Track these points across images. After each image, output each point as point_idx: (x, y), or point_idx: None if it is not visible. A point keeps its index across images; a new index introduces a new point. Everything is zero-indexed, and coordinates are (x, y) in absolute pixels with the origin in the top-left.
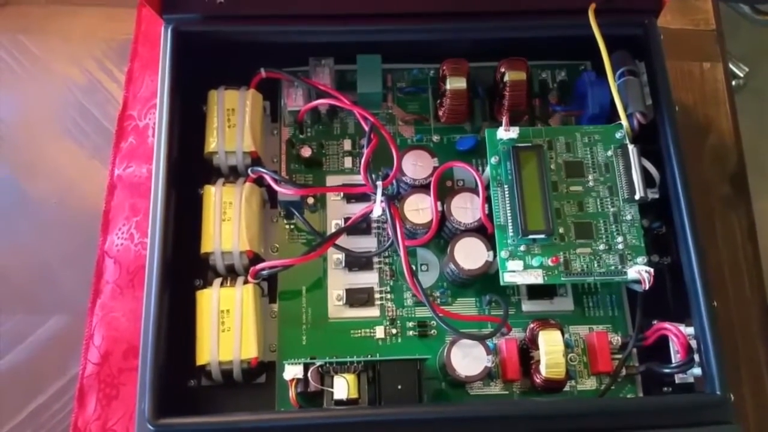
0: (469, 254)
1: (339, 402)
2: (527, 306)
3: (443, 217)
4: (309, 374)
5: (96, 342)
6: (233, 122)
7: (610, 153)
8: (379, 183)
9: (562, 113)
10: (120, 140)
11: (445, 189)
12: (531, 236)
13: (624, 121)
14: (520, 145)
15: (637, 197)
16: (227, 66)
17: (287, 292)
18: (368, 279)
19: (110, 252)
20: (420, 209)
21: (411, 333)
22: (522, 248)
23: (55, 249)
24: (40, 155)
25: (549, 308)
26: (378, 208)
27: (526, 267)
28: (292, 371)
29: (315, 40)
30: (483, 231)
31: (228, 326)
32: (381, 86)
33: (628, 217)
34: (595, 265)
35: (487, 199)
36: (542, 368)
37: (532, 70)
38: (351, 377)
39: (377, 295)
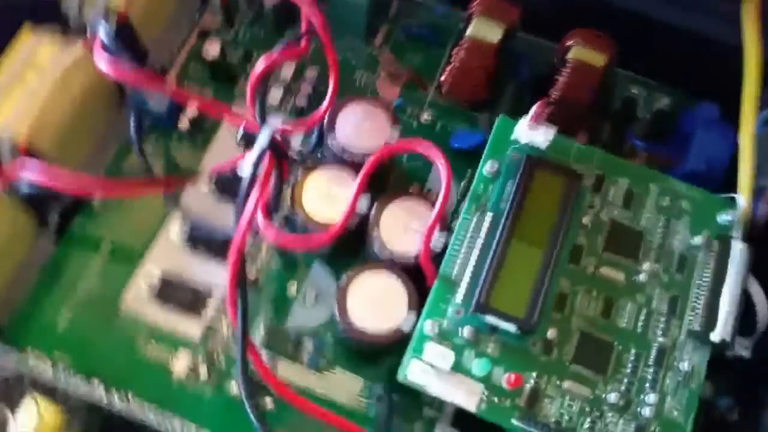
0: (376, 304)
1: None
2: None
3: (361, 227)
4: None
5: None
6: None
7: (698, 240)
8: (277, 118)
9: (645, 153)
10: None
11: (389, 185)
12: (491, 318)
13: (743, 197)
14: (543, 157)
15: (714, 338)
16: None
17: (81, 237)
18: (212, 274)
19: None
20: (331, 197)
21: (233, 389)
22: (465, 333)
23: None
24: None
25: None
26: (254, 152)
27: (458, 368)
28: None
29: None
30: (417, 276)
31: None
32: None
33: (685, 366)
34: (586, 424)
35: (448, 228)
36: None
37: (623, 82)
38: (54, 412)
39: (212, 305)
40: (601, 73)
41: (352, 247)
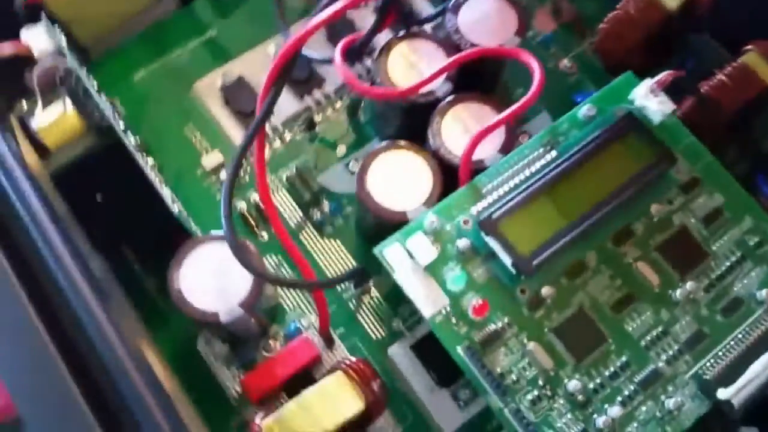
0: (398, 182)
1: None
2: (396, 351)
3: (424, 110)
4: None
5: None
6: None
7: (764, 295)
8: None
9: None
10: None
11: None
12: (492, 242)
13: None
14: (644, 124)
15: (720, 395)
16: None
17: (197, 15)
18: (283, 100)
19: None
20: (417, 71)
21: (242, 205)
22: (461, 245)
23: None
24: None
25: (428, 398)
26: None
27: (434, 272)
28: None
29: None
30: (452, 181)
31: None
32: None
33: (670, 404)
34: (529, 396)
35: (504, 148)
36: (272, 417)
37: None
38: (78, 118)
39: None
40: (763, 88)
41: (419, 139)
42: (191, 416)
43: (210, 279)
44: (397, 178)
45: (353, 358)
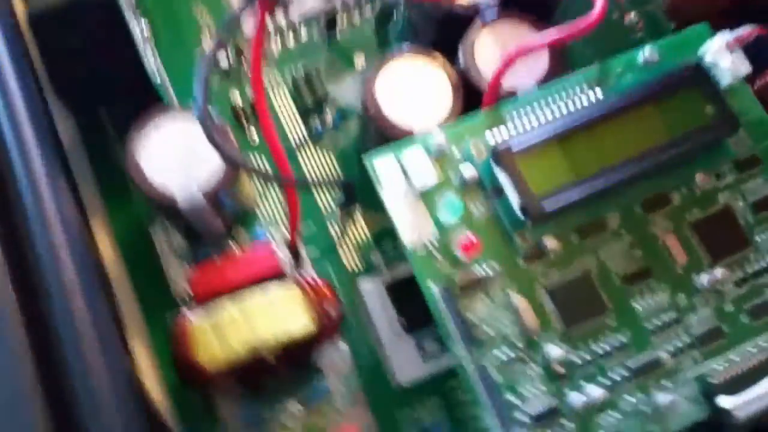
0: (413, 93)
1: None
2: (369, 285)
3: (463, 24)
4: None
5: None
6: None
7: None
8: None
9: None
10: None
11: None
12: (502, 176)
13: None
14: (711, 81)
15: (721, 403)
16: None
17: None
18: None
19: None
20: None
21: (236, 98)
22: (466, 173)
23: None
24: None
25: (390, 342)
26: None
27: (426, 198)
28: None
29: None
30: (475, 102)
31: None
32: None
33: (662, 399)
34: (502, 355)
35: (544, 81)
36: (207, 318)
37: None
38: None
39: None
40: None
41: (450, 60)
42: (129, 300)
43: (176, 159)
44: (413, 90)
45: (318, 279)
